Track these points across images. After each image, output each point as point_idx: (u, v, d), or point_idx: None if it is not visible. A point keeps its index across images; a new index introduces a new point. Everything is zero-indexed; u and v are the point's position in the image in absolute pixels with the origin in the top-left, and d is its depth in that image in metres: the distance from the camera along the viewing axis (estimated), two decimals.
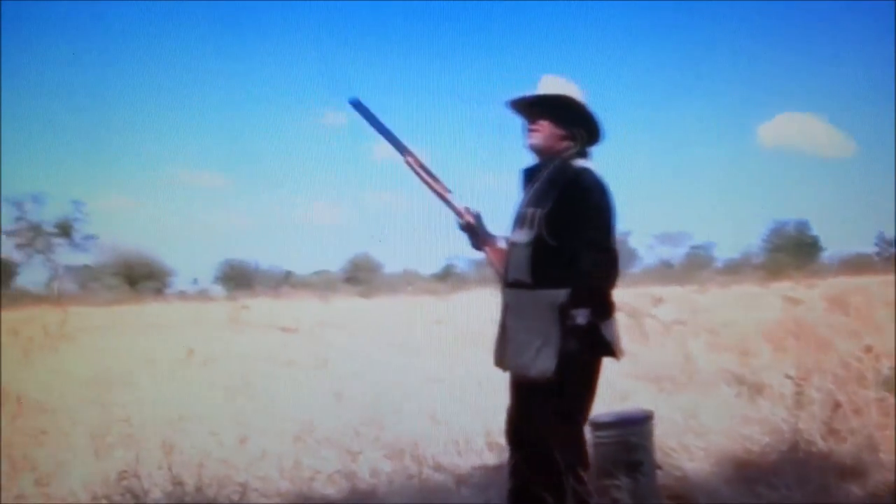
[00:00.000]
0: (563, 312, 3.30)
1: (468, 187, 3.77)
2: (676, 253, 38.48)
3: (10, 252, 40.95)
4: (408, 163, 3.70)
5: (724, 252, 36.66)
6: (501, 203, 3.75)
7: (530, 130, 3.56)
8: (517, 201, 3.65)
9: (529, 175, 3.61)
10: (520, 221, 3.54)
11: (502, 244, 3.74)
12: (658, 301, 15.16)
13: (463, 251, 3.81)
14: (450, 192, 3.74)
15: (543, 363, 3.32)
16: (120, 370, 10.32)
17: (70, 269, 40.43)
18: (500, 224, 3.72)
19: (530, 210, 3.46)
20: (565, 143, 3.53)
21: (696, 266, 35.40)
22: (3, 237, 39.20)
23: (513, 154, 3.76)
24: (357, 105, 3.73)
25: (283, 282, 37.45)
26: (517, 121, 3.63)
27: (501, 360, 3.57)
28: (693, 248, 38.06)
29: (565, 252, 3.32)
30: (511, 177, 3.70)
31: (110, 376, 9.89)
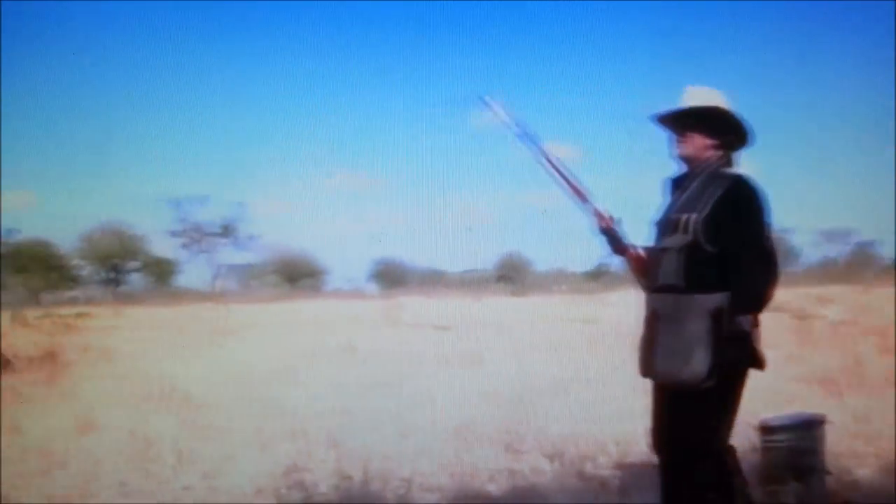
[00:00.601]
0: (718, 317, 3.31)
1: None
2: (841, 250, 37.20)
3: (176, 252, 42.74)
4: (546, 163, 3.74)
5: (891, 250, 35.15)
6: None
7: (679, 141, 3.59)
8: (662, 208, 3.68)
9: (677, 183, 3.64)
10: (670, 227, 3.53)
11: (640, 250, 3.77)
12: (826, 301, 14.73)
13: None
14: (589, 194, 3.78)
15: (695, 368, 3.30)
16: (283, 366, 10.65)
17: (232, 268, 41.85)
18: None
19: (683, 216, 3.45)
20: (715, 152, 3.56)
21: (861, 264, 34.06)
22: (169, 237, 40.91)
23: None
24: (489, 102, 3.77)
25: (436, 280, 37.80)
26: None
27: (649, 367, 3.57)
28: (859, 244, 36.69)
29: (722, 257, 3.34)
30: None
31: (273, 372, 10.23)
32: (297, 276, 41.28)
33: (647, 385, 3.60)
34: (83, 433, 6.98)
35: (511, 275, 36.78)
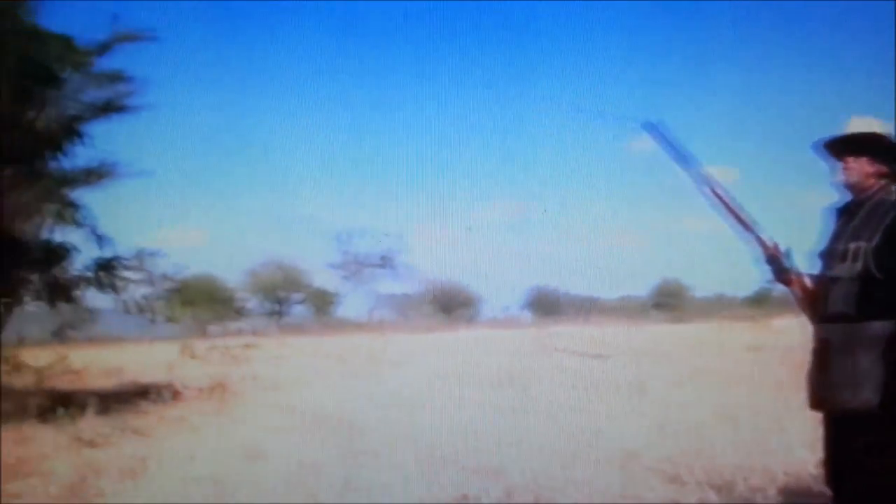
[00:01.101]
0: (891, 345, 3.24)
1: None
2: None
3: (336, 283, 43.82)
4: (710, 192, 3.70)
5: None
6: None
7: (844, 169, 3.56)
8: (827, 237, 3.63)
9: (842, 212, 3.59)
10: (839, 256, 3.48)
11: (806, 279, 3.70)
12: None
13: None
14: (753, 223, 3.73)
15: (867, 396, 3.24)
16: (442, 395, 10.73)
17: (389, 299, 42.57)
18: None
19: (853, 245, 3.41)
20: (878, 180, 3.51)
21: None
22: (330, 270, 41.99)
23: None
24: (653, 128, 3.76)
25: (591, 307, 37.48)
26: None
27: (819, 398, 3.50)
28: None
29: (893, 285, 3.28)
30: None
31: (433, 401, 10.32)
32: (452, 305, 41.61)
33: (818, 415, 3.50)
34: (252, 461, 7.20)
35: (668, 301, 36.12)
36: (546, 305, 40.98)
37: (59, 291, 11.74)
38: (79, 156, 11.56)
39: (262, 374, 13.89)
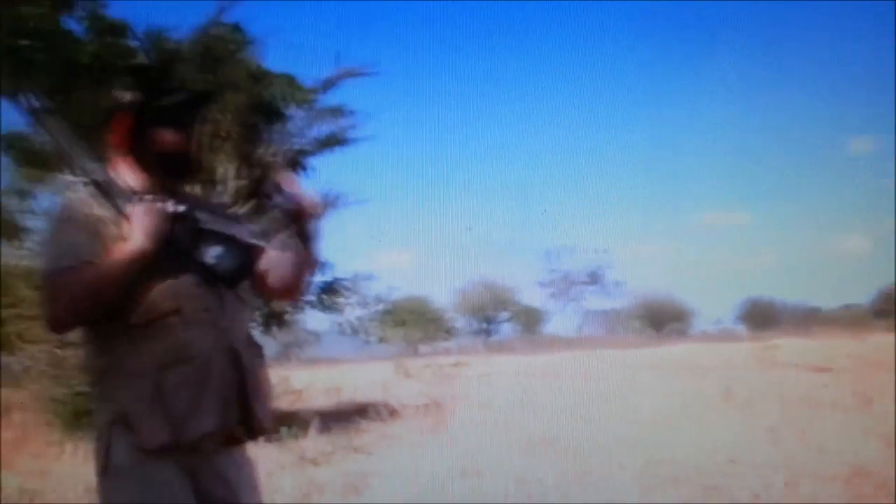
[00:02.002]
0: None
1: None
2: None
3: (545, 301, 43.85)
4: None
5: None
6: None
7: None
8: None
9: None
10: None
11: None
12: None
13: None
14: None
15: None
16: (658, 412, 10.48)
17: (597, 315, 42.23)
18: None
19: None
20: None
21: None
22: (538, 287, 42.05)
23: None
24: None
25: (810, 318, 35.95)
26: None
27: None
28: None
29: None
30: None
31: (649, 418, 10.10)
32: (662, 320, 40.85)
33: None
34: (469, 478, 7.24)
35: (892, 309, 34.19)
36: (761, 317, 39.67)
37: (275, 317, 12.24)
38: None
39: (473, 392, 13.98)
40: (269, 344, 13.75)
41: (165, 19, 10.96)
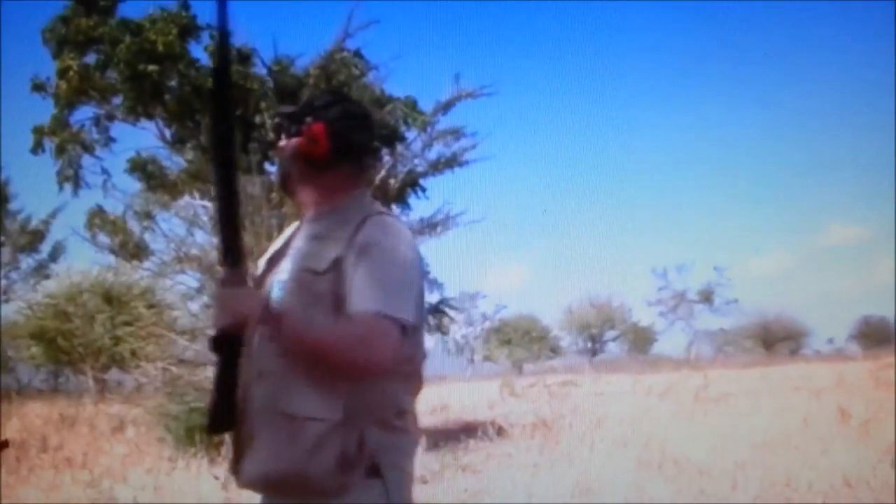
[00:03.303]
0: None
1: None
2: None
3: (654, 320, 43.40)
4: None
5: None
6: None
7: None
8: None
9: None
10: None
11: None
12: None
13: None
14: None
15: None
16: (772, 433, 10.26)
17: (706, 334, 41.60)
18: None
19: None
20: None
21: None
22: (647, 306, 41.65)
23: None
24: None
25: None
26: None
27: None
28: None
29: None
30: None
31: (764, 439, 9.88)
32: (774, 339, 40.00)
33: None
34: (581, 496, 7.21)
35: None
36: (876, 336, 38.49)
37: None
38: (413, 207, 12.37)
39: (582, 411, 13.89)
40: None
41: (290, 47, 11.31)
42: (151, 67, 10.68)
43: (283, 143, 2.31)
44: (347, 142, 2.25)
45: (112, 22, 11.14)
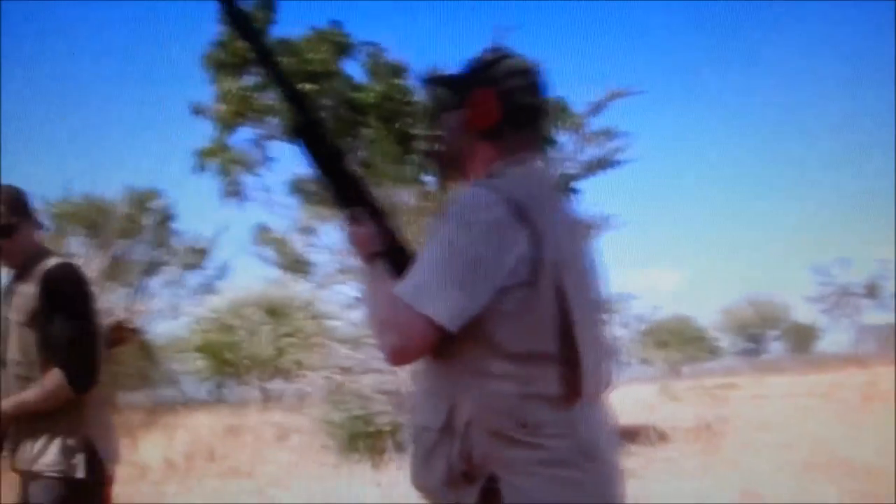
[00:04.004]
0: None
1: None
2: None
3: (817, 317, 42.05)
4: None
5: None
6: None
7: None
8: None
9: None
10: None
11: None
12: None
13: None
14: None
15: None
16: None
17: (872, 329, 40.02)
18: None
19: None
20: None
21: None
22: (808, 303, 40.37)
23: None
24: None
25: None
26: None
27: None
28: None
29: None
30: None
31: None
32: None
33: None
34: (746, 501, 7.09)
35: None
36: None
37: None
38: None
39: (745, 413, 13.61)
40: None
41: (442, 58, 11.52)
42: (308, 86, 11.05)
43: (446, 116, 2.10)
44: (520, 104, 2.02)
45: (268, 44, 11.57)
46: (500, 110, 2.00)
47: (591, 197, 12.58)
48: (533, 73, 2.08)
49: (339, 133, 11.61)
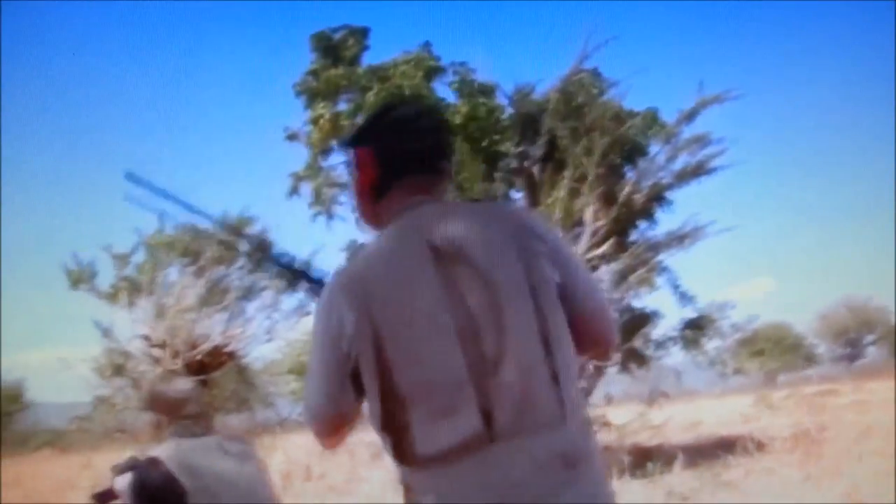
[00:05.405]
0: None
1: None
2: None
3: None
4: None
5: None
6: None
7: None
8: None
9: None
10: None
11: None
12: None
13: None
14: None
15: None
16: None
17: None
18: None
19: None
20: None
21: None
22: None
23: None
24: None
25: None
26: None
27: None
28: None
29: None
30: None
31: None
32: None
33: None
34: None
35: None
36: None
37: (637, 358, 12.36)
38: (660, 221, 12.31)
39: (845, 420, 13.28)
40: (625, 381, 13.78)
41: (528, 75, 11.56)
42: None
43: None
44: (396, 154, 1.98)
45: (359, 71, 11.82)
46: (377, 166, 1.98)
47: (687, 207, 12.36)
48: (413, 118, 2.05)
49: None
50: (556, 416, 1.77)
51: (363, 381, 1.84)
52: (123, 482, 2.92)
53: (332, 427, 1.95)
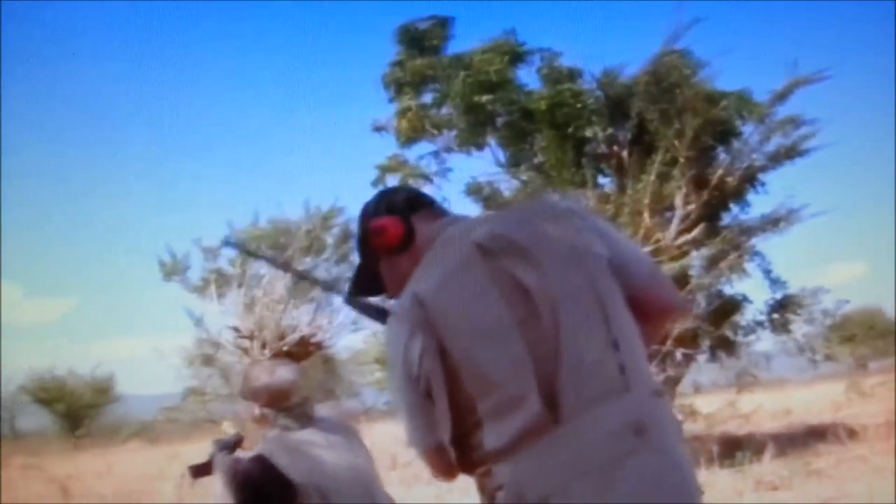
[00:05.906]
0: None
1: None
2: None
3: None
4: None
5: None
6: None
7: None
8: None
9: None
10: None
11: None
12: None
13: None
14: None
15: None
16: None
17: None
18: None
19: None
20: None
21: None
22: None
23: None
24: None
25: None
26: None
27: None
28: None
29: None
30: None
31: None
32: None
33: None
34: None
35: None
36: None
37: (726, 346, 12.20)
38: (753, 203, 12.08)
39: None
40: (715, 370, 13.61)
41: (616, 57, 11.46)
42: (485, 98, 11.29)
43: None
44: (402, 201, 2.10)
45: (444, 60, 11.90)
46: (391, 219, 2.02)
47: (781, 189, 12.04)
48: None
49: (514, 141, 11.81)
50: (618, 384, 1.77)
51: (433, 396, 1.84)
52: (224, 463, 2.90)
53: (440, 457, 1.89)
